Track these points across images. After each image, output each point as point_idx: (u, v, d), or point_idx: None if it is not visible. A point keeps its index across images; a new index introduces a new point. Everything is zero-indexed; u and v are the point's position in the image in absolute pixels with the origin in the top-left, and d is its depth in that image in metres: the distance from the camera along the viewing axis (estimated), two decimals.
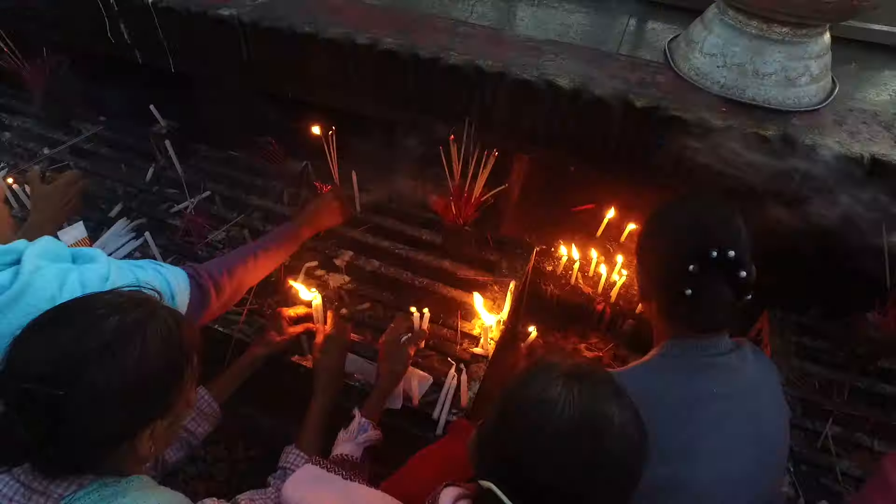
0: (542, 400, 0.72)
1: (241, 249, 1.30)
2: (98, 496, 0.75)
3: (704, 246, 0.97)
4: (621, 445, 0.71)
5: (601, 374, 0.78)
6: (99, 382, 0.71)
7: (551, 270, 1.94)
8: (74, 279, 0.89)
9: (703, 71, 1.36)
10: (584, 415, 0.71)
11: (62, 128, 2.04)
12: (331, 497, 0.92)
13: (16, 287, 0.83)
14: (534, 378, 0.76)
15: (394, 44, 1.43)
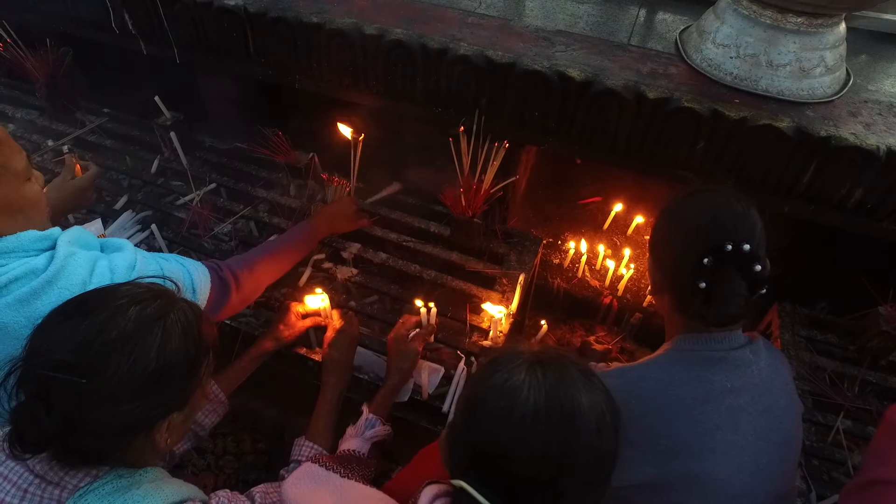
0: (507, 388, 0.72)
1: (260, 247, 1.31)
2: (112, 487, 0.75)
3: (719, 239, 0.96)
4: (592, 426, 0.71)
5: (566, 358, 0.77)
6: (120, 372, 0.71)
7: (558, 263, 1.93)
8: (104, 266, 0.92)
9: (715, 62, 1.35)
10: (550, 398, 0.70)
11: (66, 119, 2.03)
12: (326, 495, 0.94)
13: (51, 270, 0.86)
14: (498, 367, 0.75)
15: (402, 34, 1.41)
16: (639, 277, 1.89)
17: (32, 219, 0.92)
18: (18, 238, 0.87)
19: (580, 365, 0.76)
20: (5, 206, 0.87)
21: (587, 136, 1.40)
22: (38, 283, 0.84)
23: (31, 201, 0.93)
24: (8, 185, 0.87)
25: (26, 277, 0.84)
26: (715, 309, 1.00)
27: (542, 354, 0.76)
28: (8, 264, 0.85)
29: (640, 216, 2.02)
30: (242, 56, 1.65)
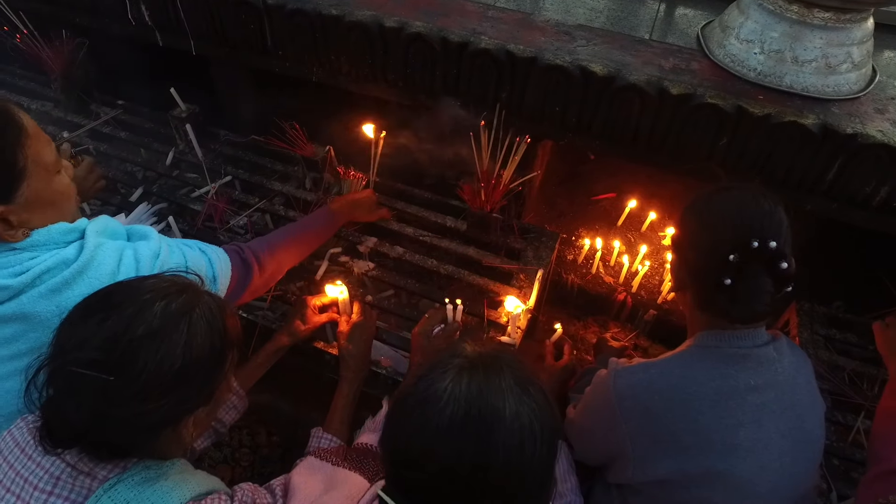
0: (427, 395, 0.69)
1: (282, 229, 1.32)
2: (141, 478, 0.75)
3: (746, 236, 0.96)
4: (513, 440, 0.67)
5: (505, 362, 0.73)
6: (147, 370, 0.71)
7: (572, 259, 1.93)
8: (130, 255, 0.93)
9: (738, 58, 1.33)
10: (469, 408, 0.67)
11: (81, 111, 2.03)
12: (317, 482, 0.99)
13: (81, 261, 0.87)
14: (428, 371, 0.72)
15: (422, 27, 1.40)
16: (653, 274, 1.88)
17: (63, 210, 0.93)
18: (49, 231, 0.88)
19: (520, 371, 0.72)
20: (36, 200, 0.87)
21: (608, 132, 1.39)
22: (68, 273, 0.85)
23: (62, 193, 0.93)
24: (39, 179, 0.87)
25: (57, 268, 0.85)
26: (740, 306, 0.99)
27: (479, 358, 0.72)
28: (39, 256, 0.86)
29: (654, 212, 2.01)
30: (260, 48, 1.64)
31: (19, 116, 0.85)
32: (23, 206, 0.85)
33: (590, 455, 1.20)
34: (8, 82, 2.13)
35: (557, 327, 1.52)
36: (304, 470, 1.06)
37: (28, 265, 0.84)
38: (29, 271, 0.83)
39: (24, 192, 0.85)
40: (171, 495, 0.76)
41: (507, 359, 0.73)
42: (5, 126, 0.83)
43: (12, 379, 0.83)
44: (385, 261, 1.58)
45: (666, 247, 1.96)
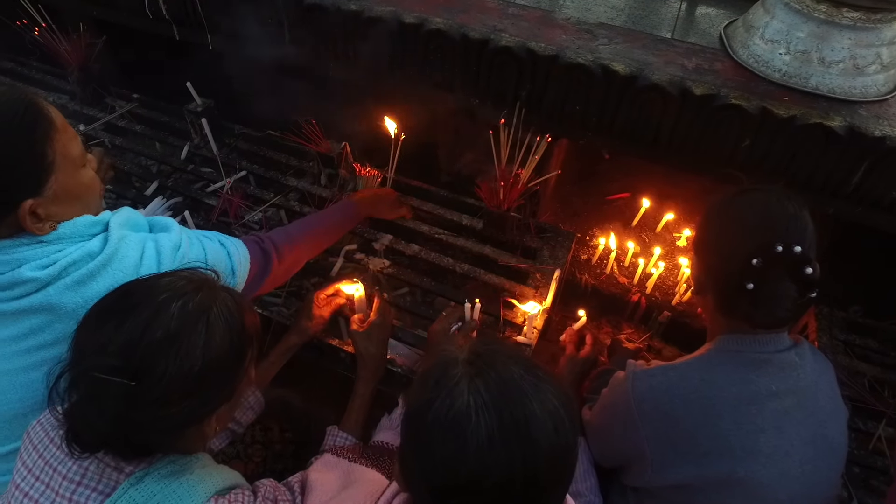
0: (454, 417, 0.65)
1: (302, 220, 1.32)
2: (167, 471, 0.76)
3: (770, 240, 0.95)
4: (549, 429, 0.66)
5: (501, 354, 0.71)
6: (168, 374, 0.71)
7: (586, 259, 1.92)
8: (152, 247, 0.94)
9: (763, 58, 1.31)
10: (501, 416, 0.65)
11: (97, 104, 2.03)
12: (334, 479, 0.99)
13: (106, 253, 0.88)
14: (437, 390, 0.68)
15: (442, 23, 1.39)
16: (667, 275, 1.87)
17: (88, 203, 0.94)
18: (75, 224, 0.89)
19: (520, 358, 0.71)
20: (63, 194, 0.87)
21: (628, 132, 1.38)
22: (93, 265, 0.86)
23: (87, 187, 0.93)
24: (66, 173, 0.87)
25: (83, 260, 0.86)
26: (763, 311, 0.98)
27: (479, 357, 0.70)
28: (65, 248, 0.86)
29: (669, 213, 1.99)
30: (277, 44, 1.64)
31: (49, 110, 0.86)
32: (51, 199, 0.85)
33: (606, 457, 1.20)
34: (25, 75, 2.14)
35: (581, 314, 1.50)
36: (321, 467, 1.06)
37: (55, 258, 0.85)
38: (55, 264, 0.84)
39: (52, 185, 0.85)
40: (196, 489, 0.76)
41: (501, 349, 0.72)
42: (36, 120, 0.83)
43: (39, 369, 0.84)
44: (400, 258, 1.57)
45: (681, 248, 1.94)
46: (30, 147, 0.82)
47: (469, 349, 0.72)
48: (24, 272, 0.82)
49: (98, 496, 0.75)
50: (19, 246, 0.84)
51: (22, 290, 0.83)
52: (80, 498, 0.75)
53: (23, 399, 0.85)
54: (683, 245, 1.94)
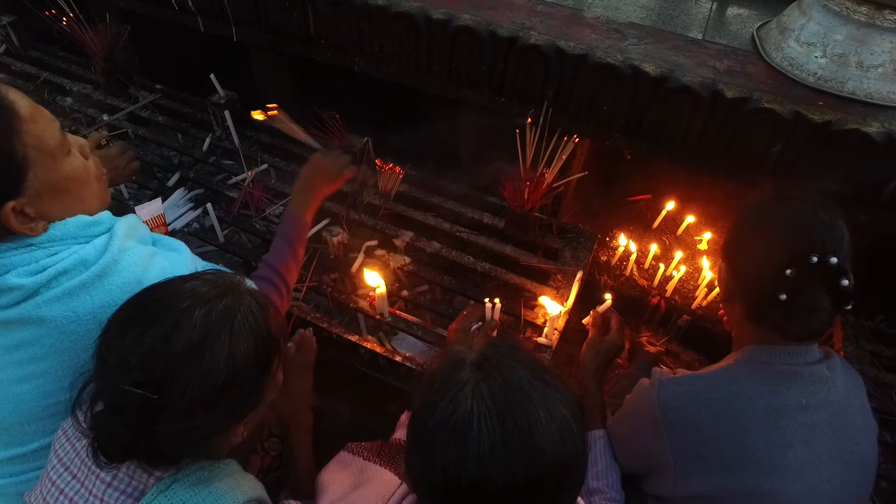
0: (456, 422, 0.64)
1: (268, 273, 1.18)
2: (196, 478, 0.75)
3: (805, 250, 0.92)
4: (555, 438, 0.64)
5: (509, 356, 0.69)
6: (191, 387, 0.69)
7: (606, 261, 1.90)
8: (160, 264, 0.87)
9: (797, 61, 1.29)
10: (504, 422, 0.63)
11: (121, 95, 2.04)
12: (347, 477, 0.99)
13: (101, 264, 0.80)
14: (441, 393, 0.67)
15: (470, 20, 1.37)
16: (688, 279, 1.84)
17: (81, 197, 0.84)
18: (66, 224, 0.81)
19: (528, 361, 0.69)
20: (47, 189, 0.78)
21: (656, 134, 1.36)
22: (86, 276, 0.79)
23: (75, 178, 0.83)
24: (45, 167, 0.78)
25: (75, 269, 0.79)
26: (796, 323, 0.96)
27: (486, 360, 0.68)
28: (58, 253, 0.79)
29: (691, 216, 1.97)
30: (302, 36, 1.63)
31: (10, 99, 0.75)
32: (36, 197, 0.77)
33: (627, 463, 1.18)
34: (51, 64, 2.15)
35: (607, 297, 1.45)
36: (335, 466, 1.05)
37: (44, 263, 0.78)
38: (45, 271, 0.77)
39: (32, 182, 0.76)
40: (225, 498, 0.75)
41: (509, 352, 0.70)
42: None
43: (30, 382, 0.80)
44: (421, 256, 1.57)
45: (702, 251, 1.91)
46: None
47: (478, 351, 0.70)
48: (9, 279, 0.76)
49: (127, 499, 0.74)
50: (6, 251, 0.77)
51: (8, 298, 0.76)
52: (110, 500, 0.74)
53: (17, 411, 0.81)
54: (704, 248, 1.92)
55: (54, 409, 0.82)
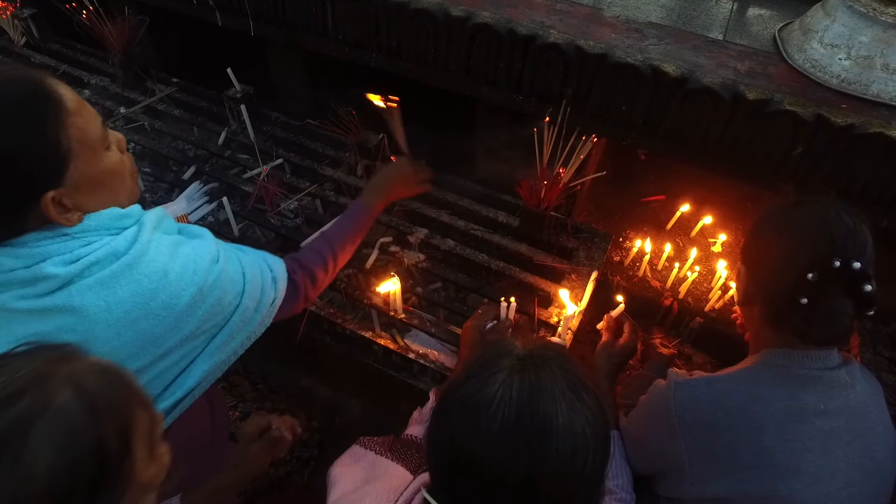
0: (476, 400, 0.66)
1: (322, 249, 1.18)
2: None
3: (827, 254, 0.91)
4: (566, 448, 0.64)
5: (557, 362, 0.69)
6: None
7: (619, 261, 1.89)
8: (187, 253, 0.88)
9: (820, 63, 1.27)
10: (521, 415, 0.64)
11: (138, 88, 2.05)
12: (358, 470, 0.99)
13: (131, 254, 0.82)
14: (476, 371, 0.69)
15: (490, 17, 1.37)
16: (701, 281, 1.83)
17: (115, 189, 0.87)
18: (100, 216, 0.83)
19: (572, 374, 0.69)
20: (86, 182, 0.81)
21: (675, 135, 1.35)
22: (117, 266, 0.81)
23: (112, 173, 0.86)
24: (85, 160, 0.80)
25: (107, 259, 0.81)
26: (817, 328, 0.95)
27: (530, 359, 0.69)
28: (92, 244, 0.81)
29: (706, 217, 1.96)
30: (320, 32, 1.63)
31: (59, 93, 0.77)
32: (74, 188, 0.79)
33: (639, 464, 1.18)
34: (70, 56, 2.17)
35: (620, 301, 1.46)
36: (347, 459, 1.05)
37: (78, 253, 0.80)
38: (80, 261, 0.79)
39: (73, 173, 0.79)
40: None
41: (558, 359, 0.70)
42: (45, 106, 0.75)
43: None
44: (435, 253, 1.57)
45: (716, 253, 1.90)
46: (40, 134, 0.75)
47: (528, 347, 0.72)
48: (45, 268, 0.78)
49: None
50: (43, 239, 0.79)
51: (44, 286, 0.78)
52: None
53: None
54: (718, 250, 1.90)
55: None
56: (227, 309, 0.93)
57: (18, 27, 2.11)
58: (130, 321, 0.81)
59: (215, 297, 0.90)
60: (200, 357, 0.91)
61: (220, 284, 0.90)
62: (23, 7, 2.12)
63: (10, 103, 0.74)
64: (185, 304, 0.85)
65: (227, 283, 0.92)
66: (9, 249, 0.78)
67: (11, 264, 0.78)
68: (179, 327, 0.86)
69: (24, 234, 0.79)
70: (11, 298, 0.79)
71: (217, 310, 0.91)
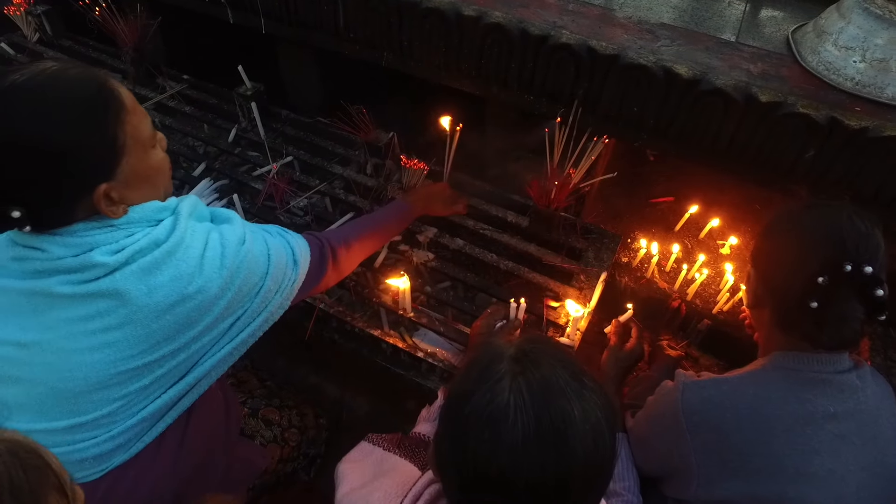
0: (491, 414, 0.65)
1: (357, 222, 1.29)
2: None
3: (839, 258, 0.91)
4: (588, 439, 0.65)
5: (548, 355, 0.69)
6: None
7: (626, 262, 1.89)
8: (216, 238, 0.92)
9: (834, 65, 1.26)
10: (539, 418, 0.64)
11: (148, 84, 2.06)
12: (367, 466, 1.00)
13: (171, 242, 0.87)
14: (479, 382, 0.68)
15: (502, 17, 1.37)
16: (709, 283, 1.83)
17: (157, 185, 0.93)
18: (143, 209, 0.89)
19: (568, 363, 0.69)
20: (134, 177, 0.86)
21: (686, 136, 1.35)
22: (158, 253, 0.85)
23: (156, 168, 0.92)
24: (136, 156, 0.86)
25: (149, 248, 0.86)
26: (828, 331, 0.95)
27: (525, 356, 0.69)
28: (134, 234, 0.86)
29: (714, 219, 1.95)
30: (331, 30, 1.63)
31: (120, 92, 0.84)
32: (123, 182, 0.85)
33: (647, 466, 1.18)
34: (81, 53, 2.18)
35: (629, 307, 1.46)
36: (355, 455, 1.06)
37: (123, 243, 0.85)
38: (124, 250, 0.84)
39: (124, 168, 0.85)
40: None
41: (549, 352, 0.70)
42: (108, 102, 0.82)
43: (102, 351, 0.84)
44: (444, 252, 1.57)
45: (724, 256, 1.90)
46: (102, 129, 0.81)
47: (516, 346, 0.71)
48: (94, 256, 0.82)
49: None
50: (92, 229, 0.84)
51: (91, 273, 0.83)
52: None
53: (86, 378, 0.85)
54: (727, 253, 1.90)
55: (119, 378, 0.86)
56: (252, 290, 0.96)
57: (32, 23, 2.12)
58: (169, 305, 0.85)
59: (241, 279, 0.93)
60: (223, 338, 0.94)
61: (245, 265, 0.94)
62: (36, 3, 2.13)
63: (78, 100, 0.79)
64: (217, 287, 0.89)
65: (253, 264, 0.95)
66: (58, 238, 0.83)
67: (61, 252, 0.83)
68: (211, 310, 0.89)
69: (72, 224, 0.84)
70: (56, 283, 0.83)
71: (244, 290, 0.94)
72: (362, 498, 0.92)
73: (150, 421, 0.92)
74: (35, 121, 0.76)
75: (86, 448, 0.88)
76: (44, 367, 0.85)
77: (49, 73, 0.78)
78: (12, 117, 0.76)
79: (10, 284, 0.85)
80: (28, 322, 0.85)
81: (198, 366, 0.93)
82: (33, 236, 0.84)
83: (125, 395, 0.87)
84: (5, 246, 0.86)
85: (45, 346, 0.85)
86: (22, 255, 0.84)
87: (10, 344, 0.86)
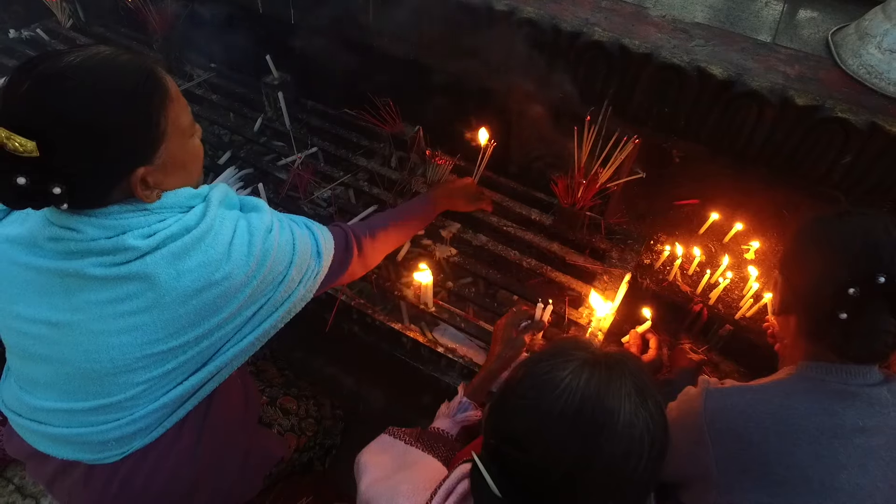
0: (544, 380, 0.69)
1: (383, 216, 1.30)
2: None
3: (872, 270, 0.89)
4: (620, 447, 0.65)
5: (629, 366, 0.71)
6: None
7: (649, 264, 1.86)
8: (244, 226, 0.93)
9: (876, 69, 1.23)
10: (584, 403, 0.66)
11: (177, 72, 2.08)
12: (388, 459, 1.00)
13: (201, 228, 0.88)
14: (549, 356, 0.72)
15: (534, 13, 1.35)
16: (733, 288, 1.80)
17: (191, 172, 0.94)
18: (177, 195, 0.90)
19: (642, 380, 0.70)
20: (171, 163, 0.88)
21: (717, 138, 1.32)
22: (188, 239, 0.87)
23: (193, 156, 0.94)
24: (176, 143, 0.88)
25: (179, 234, 0.87)
26: (858, 344, 0.92)
27: (604, 357, 0.71)
28: (166, 219, 0.88)
29: (739, 223, 1.92)
30: (361, 24, 1.63)
31: (166, 79, 0.86)
32: (160, 168, 0.86)
33: (664, 471, 1.16)
34: (112, 39, 2.21)
35: (647, 316, 1.45)
36: (375, 447, 1.07)
37: (155, 228, 0.86)
38: (156, 234, 0.85)
39: (163, 154, 0.86)
40: None
41: (631, 364, 0.71)
42: (154, 89, 0.83)
43: (129, 334, 0.86)
44: (466, 248, 1.56)
45: (749, 260, 1.86)
46: (147, 115, 0.83)
47: (606, 348, 0.75)
48: (127, 239, 0.84)
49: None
50: (126, 212, 0.85)
51: (123, 256, 0.84)
52: None
53: (113, 360, 0.87)
54: (751, 258, 1.87)
55: (144, 362, 0.88)
56: (276, 279, 0.97)
57: (66, 10, 2.16)
58: (195, 290, 0.86)
59: (267, 268, 0.94)
60: (246, 327, 0.96)
61: (271, 254, 0.95)
62: None
63: (127, 85, 0.81)
64: (243, 274, 0.90)
65: (279, 253, 0.96)
66: (94, 220, 0.84)
67: (95, 234, 0.84)
68: (237, 297, 0.91)
69: (108, 206, 0.85)
70: (88, 265, 0.84)
71: (268, 279, 0.95)
72: (390, 489, 0.92)
73: (172, 406, 0.94)
74: (85, 101, 0.78)
75: (108, 430, 0.90)
76: (72, 348, 0.87)
77: (101, 58, 0.80)
78: (65, 96, 0.77)
79: (45, 264, 0.87)
80: (60, 302, 0.87)
81: (220, 354, 0.94)
82: (68, 216, 0.85)
83: (148, 379, 0.89)
84: (42, 225, 0.87)
85: (74, 326, 0.87)
86: (57, 234, 0.85)
87: (42, 323, 0.88)
